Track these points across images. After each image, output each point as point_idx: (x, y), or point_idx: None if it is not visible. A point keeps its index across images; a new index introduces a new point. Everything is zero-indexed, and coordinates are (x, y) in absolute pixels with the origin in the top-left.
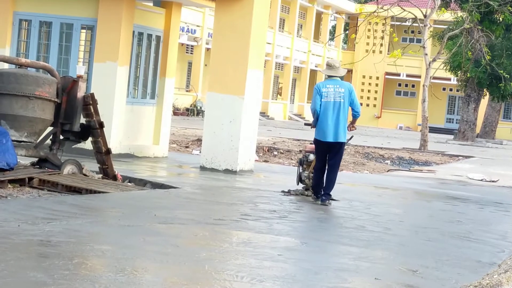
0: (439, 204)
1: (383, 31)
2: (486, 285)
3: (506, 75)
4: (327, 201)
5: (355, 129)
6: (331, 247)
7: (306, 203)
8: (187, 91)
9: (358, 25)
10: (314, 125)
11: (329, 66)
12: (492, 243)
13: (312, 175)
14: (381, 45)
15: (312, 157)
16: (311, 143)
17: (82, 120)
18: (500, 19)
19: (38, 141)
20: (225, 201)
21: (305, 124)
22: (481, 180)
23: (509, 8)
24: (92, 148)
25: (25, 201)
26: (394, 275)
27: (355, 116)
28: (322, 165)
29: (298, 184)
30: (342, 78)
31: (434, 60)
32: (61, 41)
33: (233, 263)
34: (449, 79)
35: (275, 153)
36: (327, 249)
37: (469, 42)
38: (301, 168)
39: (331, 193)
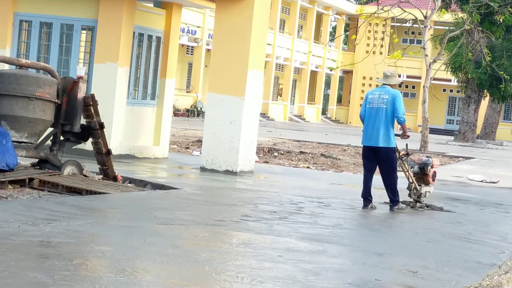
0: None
1: (383, 32)
2: (486, 286)
3: (507, 76)
4: (395, 207)
5: (407, 137)
6: (331, 248)
7: (305, 203)
8: (187, 92)
9: (358, 26)
10: None
11: (384, 74)
12: (492, 244)
13: (416, 186)
14: (382, 46)
15: (416, 168)
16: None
17: (83, 121)
18: (501, 20)
19: (38, 142)
20: (226, 202)
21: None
22: (481, 181)
23: (509, 9)
24: (92, 149)
25: (26, 202)
26: (395, 276)
27: (399, 122)
28: (366, 171)
29: (409, 196)
30: (400, 85)
31: (434, 61)
32: (61, 42)
33: (233, 264)
34: (450, 80)
35: (276, 154)
36: (327, 250)
37: (469, 43)
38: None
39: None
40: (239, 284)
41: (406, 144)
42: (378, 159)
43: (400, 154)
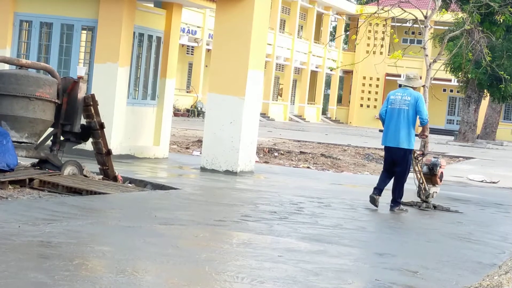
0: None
1: (383, 32)
2: (486, 286)
3: (507, 76)
4: (395, 208)
5: (426, 136)
6: (331, 248)
7: (305, 204)
8: (187, 92)
9: (358, 26)
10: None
11: (406, 76)
12: (492, 244)
13: (426, 186)
14: (382, 46)
15: (425, 169)
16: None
17: (83, 121)
18: (501, 20)
19: (38, 142)
20: (226, 202)
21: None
22: (482, 181)
23: (509, 9)
24: (92, 149)
25: (26, 202)
26: (395, 276)
27: (422, 124)
28: (385, 170)
29: (417, 195)
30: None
31: (434, 61)
32: (61, 42)
33: (234, 264)
34: (450, 80)
35: (276, 154)
36: (327, 250)
37: (469, 43)
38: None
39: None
40: (239, 284)
41: (424, 145)
42: (395, 159)
43: (415, 154)
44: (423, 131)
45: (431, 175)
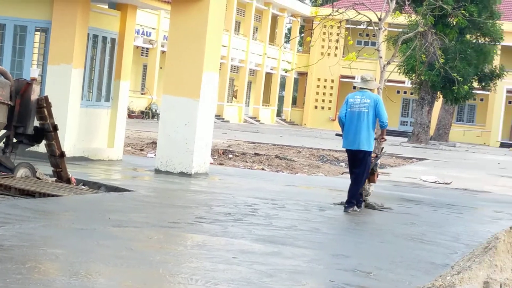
0: (393, 206)
1: (338, 34)
2: (439, 286)
3: (460, 78)
4: (350, 209)
5: (385, 140)
6: (286, 250)
7: (260, 205)
8: (142, 94)
9: (313, 28)
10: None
11: (362, 79)
12: (445, 245)
13: (367, 185)
14: (336, 48)
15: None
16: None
17: (36, 123)
18: (454, 22)
19: None
20: (180, 204)
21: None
22: (435, 182)
23: (462, 11)
24: (46, 151)
25: None
26: (349, 277)
27: (382, 127)
28: (351, 172)
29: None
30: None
31: (388, 63)
32: (14, 43)
33: (188, 266)
34: (403, 82)
35: (230, 156)
36: (281, 251)
37: (423, 45)
38: None
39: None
40: (193, 286)
41: (382, 148)
42: (356, 163)
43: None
44: (382, 134)
45: (371, 174)
